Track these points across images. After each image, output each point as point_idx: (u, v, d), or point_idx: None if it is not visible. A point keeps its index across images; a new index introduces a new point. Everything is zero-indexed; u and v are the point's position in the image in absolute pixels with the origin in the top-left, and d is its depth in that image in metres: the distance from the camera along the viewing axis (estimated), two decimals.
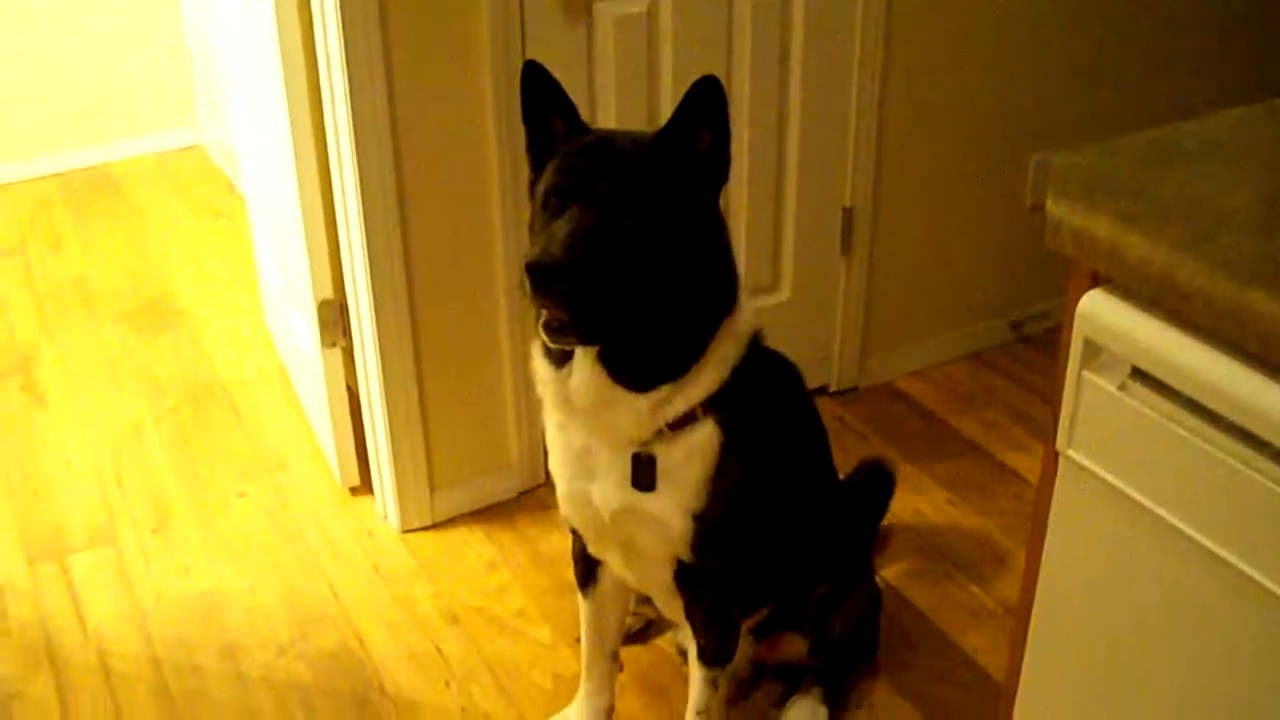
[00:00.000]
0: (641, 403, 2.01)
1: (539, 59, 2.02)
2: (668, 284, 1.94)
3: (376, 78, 2.72)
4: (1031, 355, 3.86)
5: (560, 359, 2.01)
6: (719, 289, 2.05)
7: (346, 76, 2.70)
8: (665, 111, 3.03)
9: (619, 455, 2.09)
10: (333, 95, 2.79)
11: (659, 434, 2.05)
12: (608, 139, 2.01)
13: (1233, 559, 1.35)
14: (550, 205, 1.91)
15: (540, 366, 2.08)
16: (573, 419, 2.09)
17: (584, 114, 2.02)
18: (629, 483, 2.09)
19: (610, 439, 2.08)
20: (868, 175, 3.46)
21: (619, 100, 3.03)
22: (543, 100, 2.01)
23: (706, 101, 1.93)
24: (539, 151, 2.03)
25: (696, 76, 3.00)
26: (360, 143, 2.77)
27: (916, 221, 3.63)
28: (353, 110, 2.73)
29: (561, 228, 1.84)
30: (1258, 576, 1.33)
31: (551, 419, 2.17)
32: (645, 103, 3.07)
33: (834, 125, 3.37)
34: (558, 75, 2.01)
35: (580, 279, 1.83)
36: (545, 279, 1.81)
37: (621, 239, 1.86)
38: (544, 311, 1.87)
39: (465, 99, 2.84)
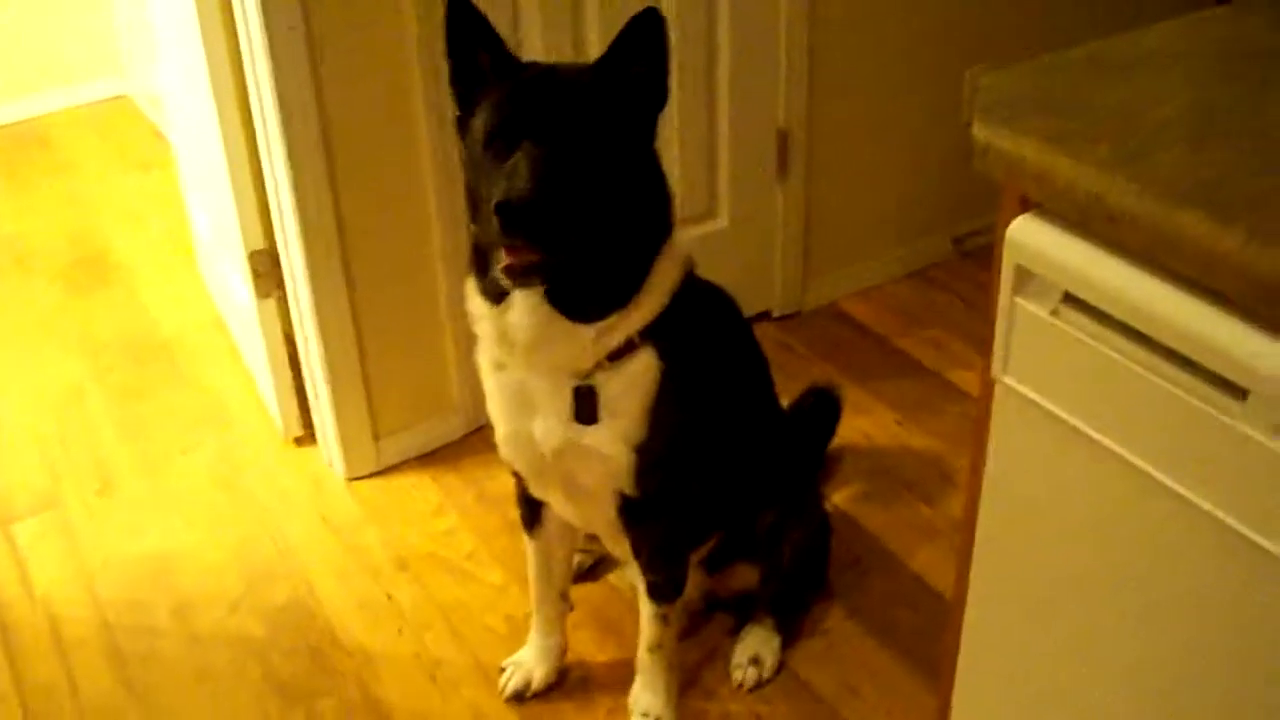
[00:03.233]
0: (586, 333, 2.00)
1: None
2: (619, 214, 1.94)
3: (295, 19, 2.67)
4: (974, 271, 3.85)
5: (498, 295, 1.99)
6: (659, 215, 2.05)
7: (263, 18, 2.64)
8: (591, 34, 3.02)
9: (559, 390, 2.08)
10: (250, 41, 2.73)
11: (599, 366, 2.04)
12: (548, 72, 1.98)
13: (1166, 479, 1.35)
14: (496, 144, 1.88)
15: (476, 304, 2.06)
16: (512, 355, 2.07)
17: (509, 38, 1.98)
18: (570, 417, 2.08)
19: (550, 373, 2.07)
20: (801, 95, 3.44)
21: (543, 18, 2.99)
22: (469, 35, 1.97)
23: (647, 34, 1.92)
24: (465, 86, 2.00)
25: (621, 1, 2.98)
26: (281, 90, 2.72)
27: (853, 140, 3.60)
28: (272, 55, 2.68)
29: (524, 165, 1.82)
30: (1190, 495, 1.33)
31: (486, 358, 2.15)
32: (570, 20, 3.03)
33: (764, 45, 3.33)
34: (480, 4, 1.97)
35: (553, 215, 1.81)
36: (520, 217, 1.79)
37: (581, 172, 1.86)
38: (506, 255, 1.85)
39: (387, 35, 2.78)
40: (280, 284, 3.09)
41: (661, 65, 1.96)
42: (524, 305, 1.98)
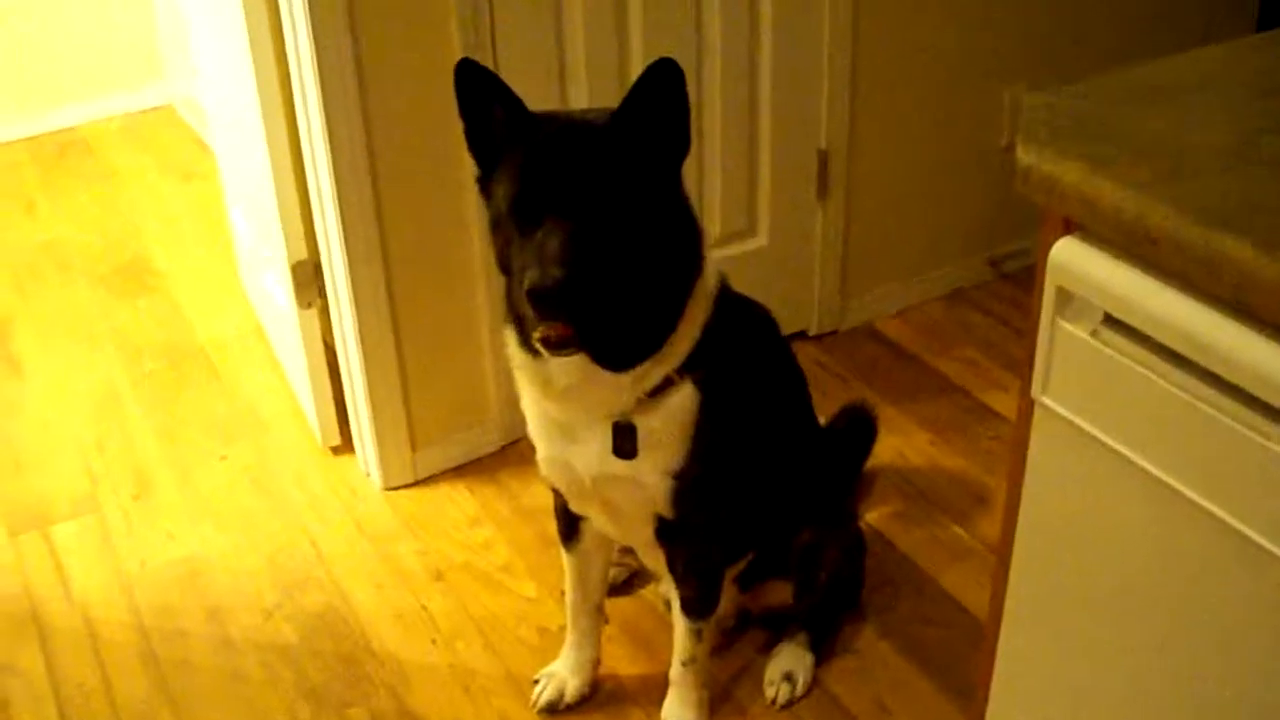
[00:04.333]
0: (623, 379, 2.01)
1: None
2: (653, 270, 1.94)
3: (342, 33, 2.69)
4: (1011, 292, 3.85)
5: (536, 350, 1.98)
6: (690, 256, 2.04)
7: (311, 33, 2.67)
8: (635, 57, 3.03)
9: (598, 424, 2.09)
10: (298, 55, 2.76)
11: (638, 402, 2.05)
12: (564, 132, 1.94)
13: (1206, 503, 1.35)
14: (520, 214, 1.87)
15: (516, 354, 2.07)
16: (550, 398, 2.08)
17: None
18: (609, 451, 2.09)
19: (590, 414, 2.08)
20: (842, 116, 3.44)
21: (587, 49, 3.00)
22: (481, 94, 1.96)
23: (663, 85, 1.90)
24: (483, 146, 1.98)
25: (665, 22, 3.00)
26: (328, 100, 2.74)
27: (893, 161, 3.61)
28: (319, 68, 2.70)
29: (552, 245, 1.80)
30: (1229, 519, 1.33)
31: (527, 393, 2.16)
32: (615, 41, 3.04)
33: (807, 66, 3.34)
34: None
35: (587, 294, 1.81)
36: (553, 302, 1.79)
37: (610, 243, 1.85)
38: (541, 328, 1.85)
39: (433, 47, 2.80)
40: (322, 294, 3.12)
41: (682, 114, 1.94)
42: (562, 359, 1.97)
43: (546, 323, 1.83)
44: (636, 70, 2.97)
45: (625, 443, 2.08)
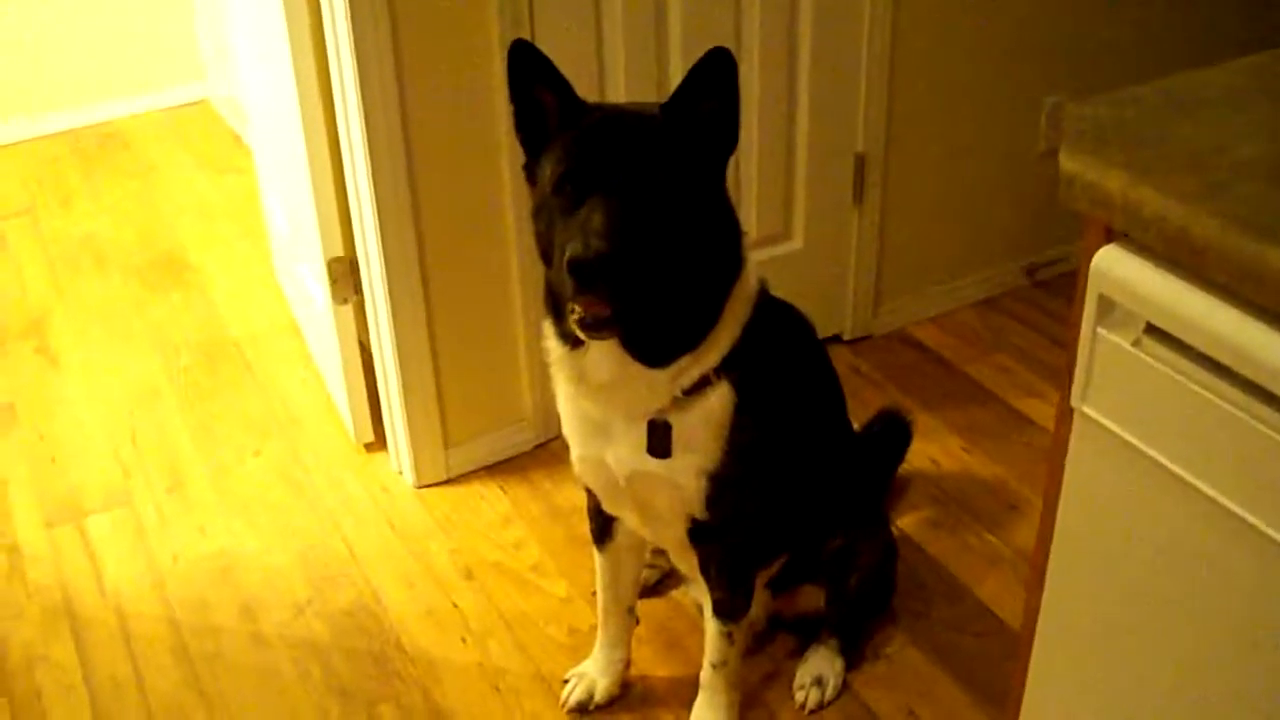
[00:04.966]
0: (660, 376, 2.01)
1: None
2: (693, 260, 1.93)
3: (381, 31, 2.70)
4: (1046, 300, 3.84)
5: (575, 340, 1.98)
6: (731, 255, 2.03)
7: (351, 31, 2.68)
8: (674, 57, 3.03)
9: (634, 423, 2.09)
10: (338, 52, 2.77)
11: (674, 401, 2.04)
12: (615, 117, 1.96)
13: (1248, 515, 1.34)
14: (565, 194, 1.87)
15: (554, 346, 2.07)
16: (588, 395, 2.08)
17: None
18: (644, 449, 2.09)
19: (626, 411, 2.08)
20: (879, 120, 3.44)
21: (626, 48, 3.00)
22: (532, 78, 1.95)
23: (716, 74, 1.90)
24: (532, 131, 1.98)
25: (704, 24, 3.00)
26: (367, 99, 2.75)
27: (929, 166, 3.60)
28: (358, 66, 2.71)
29: (596, 220, 1.80)
30: (1270, 531, 1.32)
31: (563, 390, 2.15)
32: (654, 42, 3.03)
33: (845, 70, 3.34)
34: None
35: (627, 270, 1.80)
36: (594, 274, 1.78)
37: (653, 224, 1.84)
38: (579, 308, 1.85)
39: (472, 45, 2.81)
40: (358, 290, 3.12)
41: (732, 105, 1.93)
42: (600, 350, 1.98)
43: (585, 300, 1.82)
44: (674, 68, 3.01)
45: (660, 441, 2.07)
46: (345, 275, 3.14)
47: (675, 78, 1.87)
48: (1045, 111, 3.67)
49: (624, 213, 1.81)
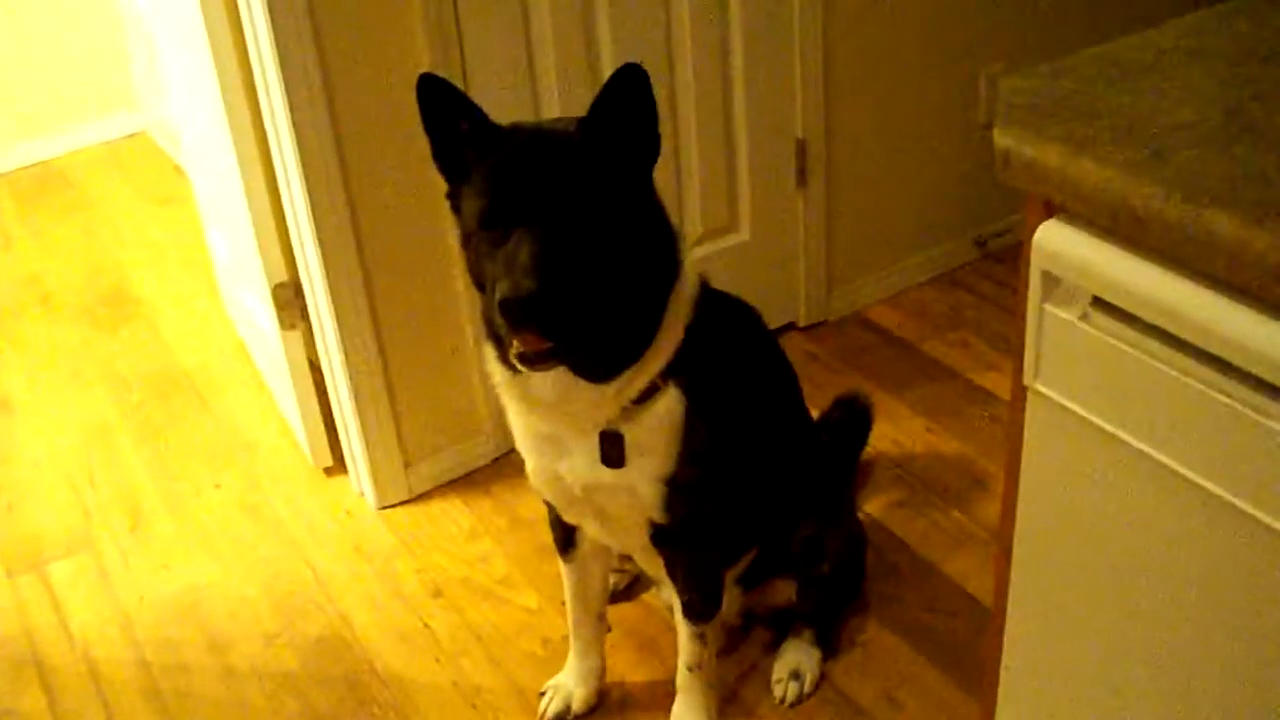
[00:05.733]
0: (606, 390, 1.99)
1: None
2: (628, 278, 1.91)
3: (306, 49, 2.66)
4: (999, 271, 3.84)
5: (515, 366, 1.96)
6: (666, 262, 2.01)
7: (276, 55, 2.64)
8: (606, 52, 3.01)
9: (585, 435, 2.07)
10: (264, 76, 2.74)
11: (623, 411, 2.02)
12: (532, 141, 1.91)
13: (1202, 481, 1.33)
14: (490, 226, 1.84)
15: (496, 370, 2.05)
16: (534, 412, 2.06)
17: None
18: (598, 460, 2.07)
19: (576, 426, 2.06)
20: (817, 103, 3.43)
21: (557, 50, 2.97)
22: (444, 108, 1.93)
23: (629, 91, 1.87)
24: (449, 159, 1.95)
25: (633, 21, 2.97)
26: (297, 121, 2.71)
27: (871, 146, 3.59)
28: (286, 90, 2.68)
29: (523, 255, 1.77)
30: (1227, 496, 1.31)
31: (512, 407, 2.13)
32: (583, 40, 3.01)
33: (779, 54, 3.32)
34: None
35: (561, 305, 1.78)
36: (526, 313, 1.76)
37: (583, 251, 1.82)
38: (516, 343, 1.82)
39: (402, 62, 2.77)
40: (305, 315, 3.09)
41: (650, 118, 1.90)
42: (543, 374, 1.95)
43: (522, 336, 1.80)
44: (609, 70, 2.97)
45: (613, 452, 2.05)
46: (291, 300, 3.10)
47: (609, 73, 1.84)
48: (984, 81, 3.66)
49: (551, 244, 1.79)
